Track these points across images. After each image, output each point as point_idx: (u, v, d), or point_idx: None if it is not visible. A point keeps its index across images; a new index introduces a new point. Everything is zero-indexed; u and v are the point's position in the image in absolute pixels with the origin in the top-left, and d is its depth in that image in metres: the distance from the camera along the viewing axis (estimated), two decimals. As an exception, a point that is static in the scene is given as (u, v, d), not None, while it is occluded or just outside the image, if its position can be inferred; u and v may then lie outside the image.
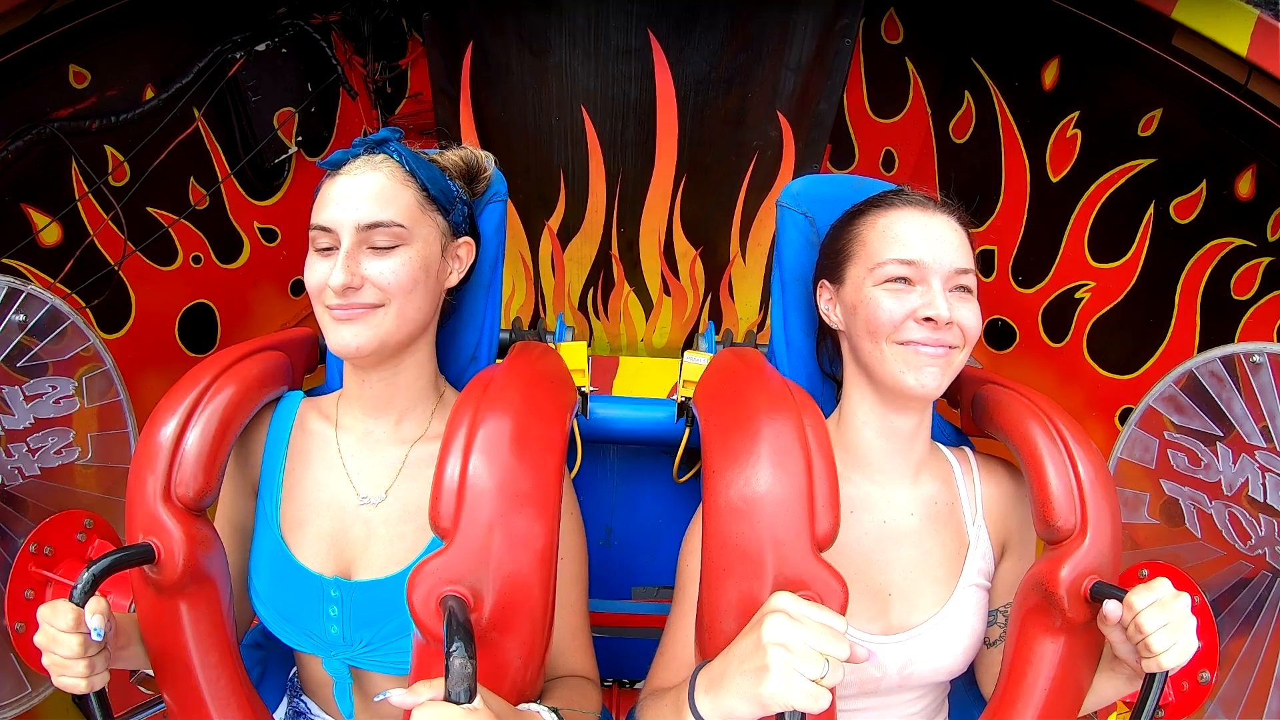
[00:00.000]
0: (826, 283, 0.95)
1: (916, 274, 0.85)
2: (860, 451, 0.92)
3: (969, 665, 0.93)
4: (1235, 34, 1.18)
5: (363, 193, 0.83)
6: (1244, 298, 1.35)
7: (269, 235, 1.90)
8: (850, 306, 0.89)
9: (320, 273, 0.83)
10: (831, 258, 0.95)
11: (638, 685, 1.59)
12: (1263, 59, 1.16)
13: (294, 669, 1.04)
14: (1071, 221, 1.66)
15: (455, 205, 0.92)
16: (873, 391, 0.90)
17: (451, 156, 0.98)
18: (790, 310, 1.07)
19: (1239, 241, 1.35)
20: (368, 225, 0.83)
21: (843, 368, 0.96)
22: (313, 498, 0.91)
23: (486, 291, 1.05)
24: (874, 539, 0.90)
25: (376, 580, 0.87)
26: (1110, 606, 0.74)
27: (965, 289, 0.87)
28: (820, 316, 0.97)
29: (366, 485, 0.90)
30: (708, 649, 0.73)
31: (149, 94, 1.54)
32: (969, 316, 0.85)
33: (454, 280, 0.93)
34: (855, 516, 0.90)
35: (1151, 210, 1.50)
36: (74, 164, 1.42)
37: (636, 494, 1.48)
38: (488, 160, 1.02)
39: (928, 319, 0.83)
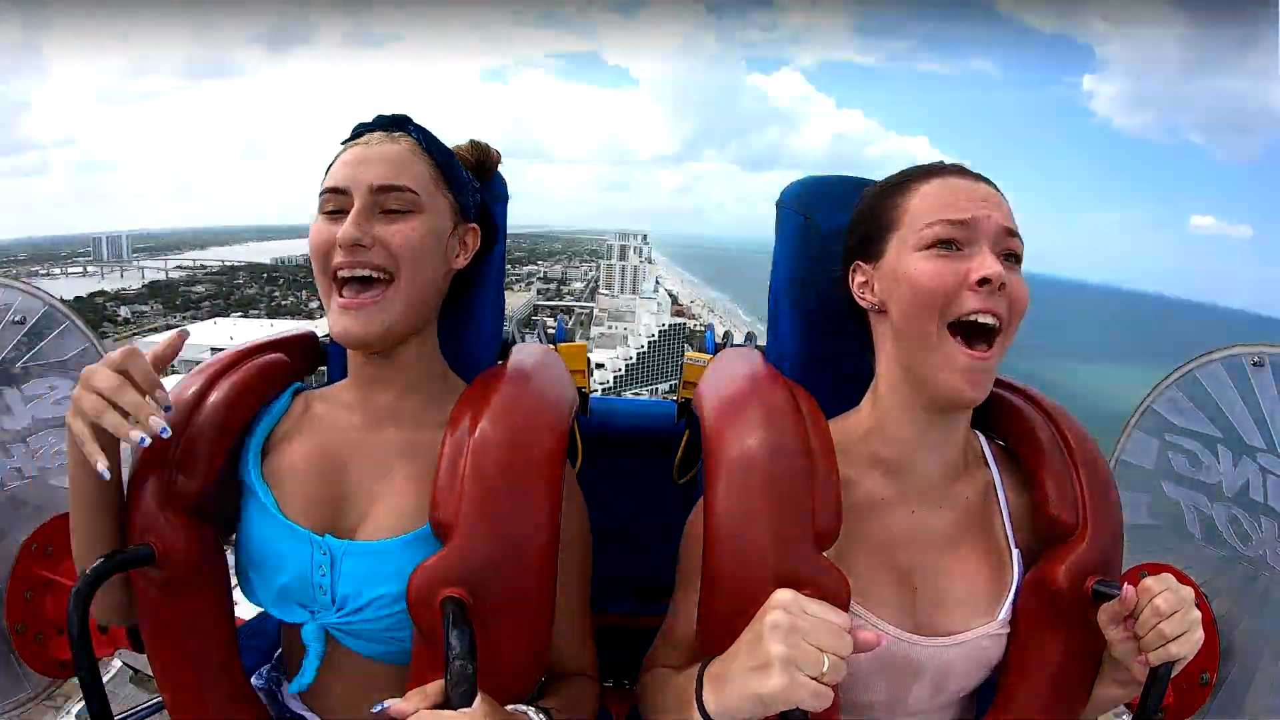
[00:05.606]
0: (861, 263, 0.87)
1: (965, 236, 0.79)
2: (894, 442, 0.86)
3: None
4: None
5: (378, 158, 0.83)
6: None
7: None
8: (891, 280, 0.82)
9: (325, 232, 0.82)
10: (869, 233, 0.87)
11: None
12: None
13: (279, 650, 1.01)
14: None
15: (467, 187, 0.92)
16: (908, 381, 0.84)
17: (460, 148, 0.99)
18: (790, 311, 1.07)
19: None
20: (381, 186, 0.82)
21: (873, 354, 0.90)
22: (302, 468, 0.87)
23: (490, 287, 1.04)
24: (903, 529, 0.85)
25: (369, 543, 0.83)
26: (1127, 591, 0.72)
27: (1014, 257, 0.81)
28: (854, 298, 0.88)
29: (363, 464, 0.88)
30: (710, 646, 0.73)
31: None
32: (1019, 286, 0.79)
33: (460, 263, 0.92)
34: (886, 506, 0.85)
35: None
36: None
37: (636, 494, 1.48)
38: (497, 152, 1.03)
39: (983, 281, 0.76)
